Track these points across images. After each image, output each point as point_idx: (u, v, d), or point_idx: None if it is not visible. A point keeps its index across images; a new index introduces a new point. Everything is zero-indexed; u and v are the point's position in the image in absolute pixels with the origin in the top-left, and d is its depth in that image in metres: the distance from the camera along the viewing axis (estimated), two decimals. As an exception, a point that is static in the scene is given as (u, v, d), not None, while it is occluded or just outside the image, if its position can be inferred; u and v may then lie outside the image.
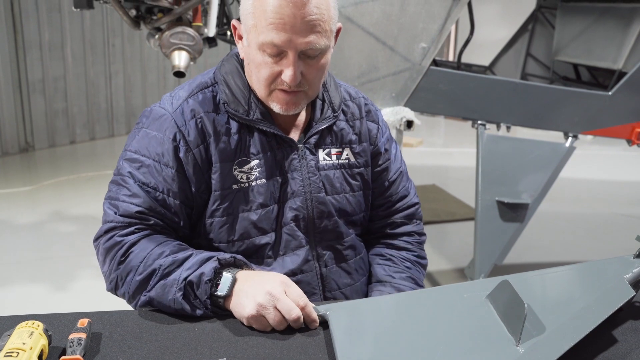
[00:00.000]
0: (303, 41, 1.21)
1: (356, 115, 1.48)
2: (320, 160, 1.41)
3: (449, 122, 8.35)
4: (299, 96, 1.29)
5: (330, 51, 1.31)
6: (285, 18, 1.18)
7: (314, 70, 1.27)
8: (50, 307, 3.11)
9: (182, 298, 1.15)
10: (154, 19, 2.62)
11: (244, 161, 1.34)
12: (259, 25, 1.21)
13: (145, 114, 1.36)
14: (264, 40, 1.21)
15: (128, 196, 1.28)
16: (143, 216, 1.27)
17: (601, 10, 3.40)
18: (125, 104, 7.05)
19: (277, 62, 1.24)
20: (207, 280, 1.15)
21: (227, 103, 1.33)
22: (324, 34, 1.23)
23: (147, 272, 1.20)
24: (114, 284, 1.26)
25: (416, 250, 1.58)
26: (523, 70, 4.05)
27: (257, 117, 1.33)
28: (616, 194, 5.54)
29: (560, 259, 3.98)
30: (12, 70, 6.01)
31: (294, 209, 1.38)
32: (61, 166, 5.86)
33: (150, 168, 1.29)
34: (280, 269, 1.38)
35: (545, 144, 2.97)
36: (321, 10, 1.21)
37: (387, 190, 1.54)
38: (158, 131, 1.31)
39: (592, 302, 1.10)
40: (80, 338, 1.03)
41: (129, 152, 1.32)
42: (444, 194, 5.28)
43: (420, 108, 2.90)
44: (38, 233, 4.20)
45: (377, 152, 1.51)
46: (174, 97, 1.36)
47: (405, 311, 1.16)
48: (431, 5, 2.62)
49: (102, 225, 1.30)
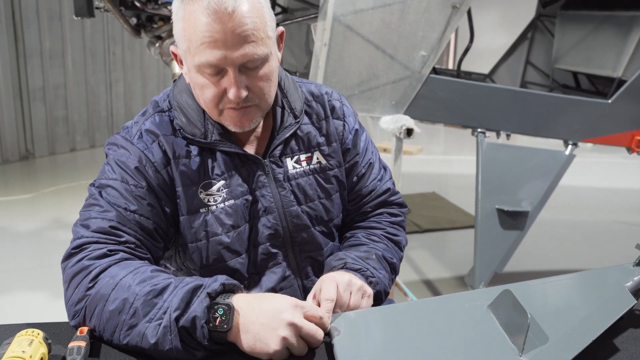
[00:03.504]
0: (239, 54, 1.16)
1: (321, 116, 1.42)
2: (290, 169, 1.37)
3: (448, 130, 8.36)
4: (250, 111, 1.24)
5: (275, 58, 1.26)
6: (215, 35, 1.14)
7: (259, 81, 1.21)
8: (50, 315, 3.10)
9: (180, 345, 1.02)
10: (154, 27, 2.63)
11: (209, 184, 1.30)
12: (192, 47, 1.17)
13: (108, 145, 1.31)
14: (200, 62, 1.17)
15: (100, 212, 1.20)
16: (116, 232, 1.19)
17: (600, 18, 3.41)
18: (126, 111, 7.06)
19: (218, 80, 1.19)
20: (203, 324, 1.03)
21: (182, 129, 1.28)
22: (260, 42, 1.18)
23: (117, 302, 1.07)
24: (80, 316, 1.11)
25: (385, 227, 1.50)
26: (523, 78, 4.06)
27: (216, 139, 1.28)
28: (616, 201, 5.54)
29: (560, 267, 3.97)
30: (13, 77, 6.02)
31: (268, 227, 1.34)
32: (61, 174, 5.86)
33: (119, 191, 1.23)
34: (258, 289, 1.35)
35: (545, 151, 2.97)
36: (252, 18, 1.16)
37: (355, 185, 1.49)
38: (122, 157, 1.26)
39: (594, 311, 1.10)
40: (80, 346, 1.03)
41: (98, 181, 1.27)
42: (443, 201, 5.28)
43: (420, 116, 2.90)
44: (38, 241, 4.19)
45: (345, 149, 1.46)
46: (133, 124, 1.32)
47: (406, 321, 1.15)
48: (431, 13, 2.63)
49: (70, 244, 1.18)
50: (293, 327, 1.04)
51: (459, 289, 3.52)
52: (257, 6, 1.18)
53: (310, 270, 1.43)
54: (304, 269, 1.42)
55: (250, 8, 1.16)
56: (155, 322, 1.04)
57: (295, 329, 1.04)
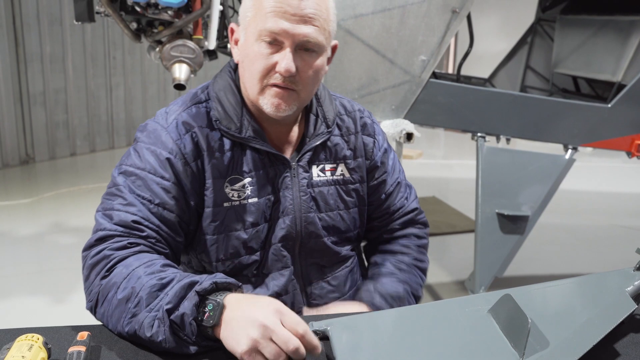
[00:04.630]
0: (301, 32, 1.22)
1: (351, 130, 1.46)
2: (314, 176, 1.40)
3: (448, 135, 8.37)
4: (291, 95, 1.27)
5: (325, 60, 1.30)
6: (285, 7, 1.20)
7: (309, 68, 1.26)
8: (50, 320, 3.10)
9: (173, 338, 1.05)
10: (154, 32, 2.64)
11: (236, 179, 1.32)
12: (259, 14, 1.23)
13: (140, 129, 1.34)
14: (263, 28, 1.22)
15: (123, 205, 1.23)
16: (138, 226, 1.22)
17: (600, 22, 3.41)
18: (126, 116, 7.06)
19: (272, 53, 1.23)
20: (191, 321, 1.04)
21: (219, 120, 1.31)
22: (321, 31, 1.24)
23: (127, 290, 1.11)
24: (94, 301, 1.17)
25: (413, 253, 1.54)
26: (522, 82, 4.07)
27: (250, 135, 1.31)
28: (616, 205, 5.54)
29: (560, 271, 3.97)
30: (13, 82, 6.03)
31: (283, 228, 1.36)
32: (61, 178, 5.86)
33: (145, 181, 1.25)
34: (264, 290, 1.37)
35: (545, 156, 2.98)
36: (321, 7, 1.24)
37: (383, 202, 1.53)
38: (154, 145, 1.28)
39: (595, 316, 1.10)
40: (80, 351, 1.02)
41: (124, 166, 1.29)
42: (444, 206, 5.28)
43: (420, 120, 2.90)
44: (38, 245, 4.19)
45: (373, 166, 1.49)
46: (168, 112, 1.34)
47: (407, 326, 1.15)
48: (431, 18, 2.63)
49: (92, 234, 1.23)
50: (264, 329, 1.00)
51: (459, 293, 3.51)
52: (328, 4, 1.27)
53: (313, 276, 1.44)
54: (308, 275, 1.43)
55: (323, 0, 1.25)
56: (153, 313, 1.06)
57: (266, 331, 1.00)
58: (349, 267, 1.50)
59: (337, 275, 1.47)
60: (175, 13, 2.59)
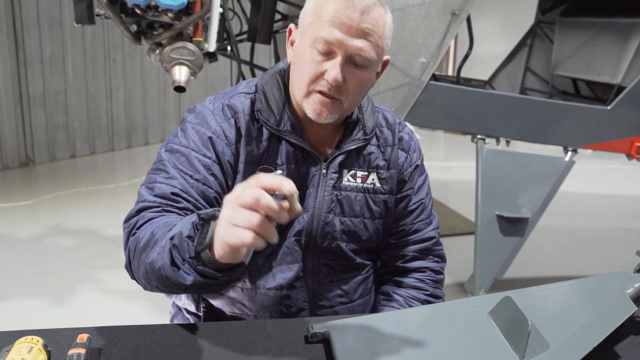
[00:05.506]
0: (354, 45, 1.23)
1: (389, 142, 1.47)
2: (344, 180, 1.41)
3: (448, 137, 8.37)
4: (335, 104, 1.29)
5: (374, 75, 1.33)
6: (344, 18, 1.22)
7: (356, 80, 1.28)
8: (50, 322, 3.10)
9: (170, 263, 1.05)
10: (154, 34, 2.64)
11: (268, 169, 1.35)
12: (318, 21, 1.25)
13: (189, 110, 1.40)
14: (318, 35, 1.24)
15: (165, 178, 1.29)
16: (176, 198, 1.26)
17: (600, 25, 3.42)
18: (126, 118, 7.06)
19: (323, 61, 1.25)
20: (186, 237, 1.02)
21: (260, 111, 1.36)
22: (375, 47, 1.26)
23: (148, 234, 1.15)
24: (127, 258, 1.23)
25: (428, 289, 1.51)
26: (522, 84, 4.07)
27: (287, 129, 1.35)
28: (616, 208, 5.54)
29: (560, 274, 3.97)
30: (13, 84, 6.03)
31: (300, 223, 1.38)
32: (61, 180, 5.86)
33: (188, 157, 1.31)
34: (271, 281, 1.39)
35: (544, 158, 2.98)
36: (378, 24, 1.25)
37: (402, 218, 1.51)
38: (199, 125, 1.34)
39: (595, 318, 1.10)
40: (80, 353, 1.02)
41: (170, 144, 1.35)
42: (443, 208, 5.28)
43: (420, 122, 2.91)
44: (38, 247, 4.19)
45: (401, 180, 1.49)
46: (215, 98, 1.41)
47: (407, 328, 1.15)
48: (430, 20, 2.64)
49: (134, 206, 1.28)
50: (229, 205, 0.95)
51: (459, 295, 3.51)
52: (386, 20, 1.28)
53: (324, 277, 1.44)
54: (318, 275, 1.43)
55: (382, 16, 1.26)
56: (160, 245, 1.09)
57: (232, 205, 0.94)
58: (363, 275, 1.50)
59: (348, 281, 1.46)
60: (175, 15, 2.60)
